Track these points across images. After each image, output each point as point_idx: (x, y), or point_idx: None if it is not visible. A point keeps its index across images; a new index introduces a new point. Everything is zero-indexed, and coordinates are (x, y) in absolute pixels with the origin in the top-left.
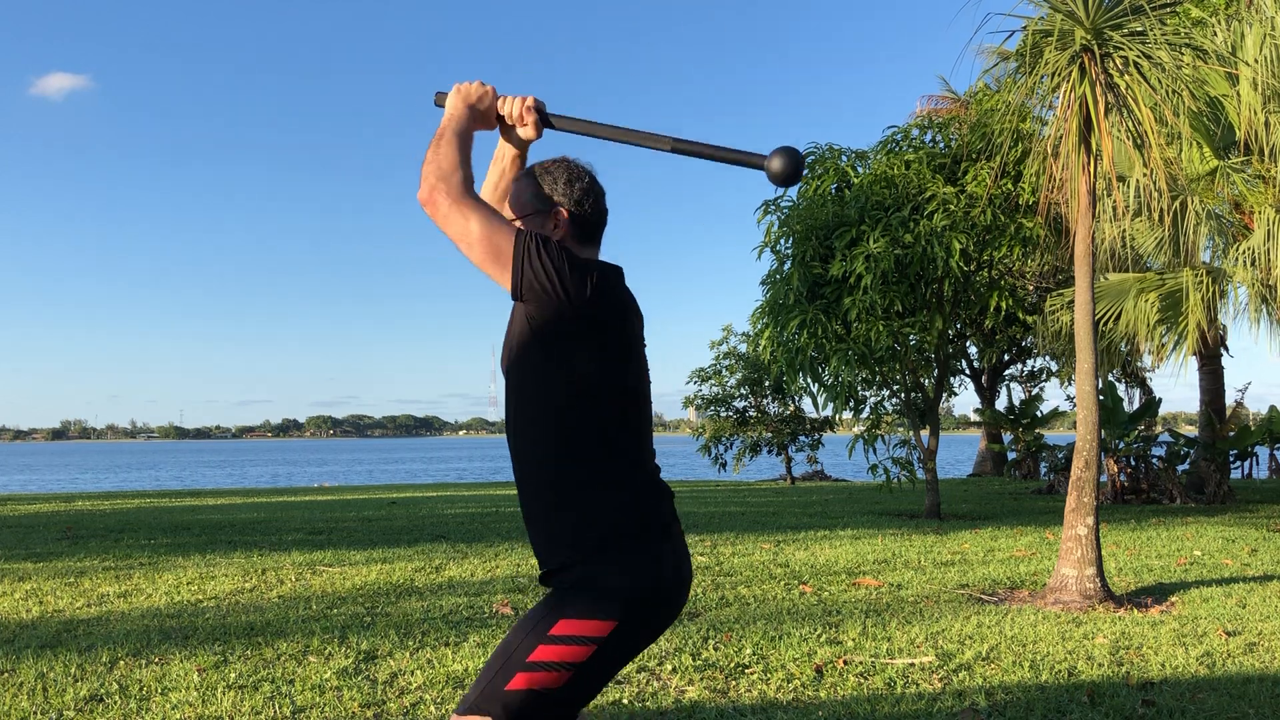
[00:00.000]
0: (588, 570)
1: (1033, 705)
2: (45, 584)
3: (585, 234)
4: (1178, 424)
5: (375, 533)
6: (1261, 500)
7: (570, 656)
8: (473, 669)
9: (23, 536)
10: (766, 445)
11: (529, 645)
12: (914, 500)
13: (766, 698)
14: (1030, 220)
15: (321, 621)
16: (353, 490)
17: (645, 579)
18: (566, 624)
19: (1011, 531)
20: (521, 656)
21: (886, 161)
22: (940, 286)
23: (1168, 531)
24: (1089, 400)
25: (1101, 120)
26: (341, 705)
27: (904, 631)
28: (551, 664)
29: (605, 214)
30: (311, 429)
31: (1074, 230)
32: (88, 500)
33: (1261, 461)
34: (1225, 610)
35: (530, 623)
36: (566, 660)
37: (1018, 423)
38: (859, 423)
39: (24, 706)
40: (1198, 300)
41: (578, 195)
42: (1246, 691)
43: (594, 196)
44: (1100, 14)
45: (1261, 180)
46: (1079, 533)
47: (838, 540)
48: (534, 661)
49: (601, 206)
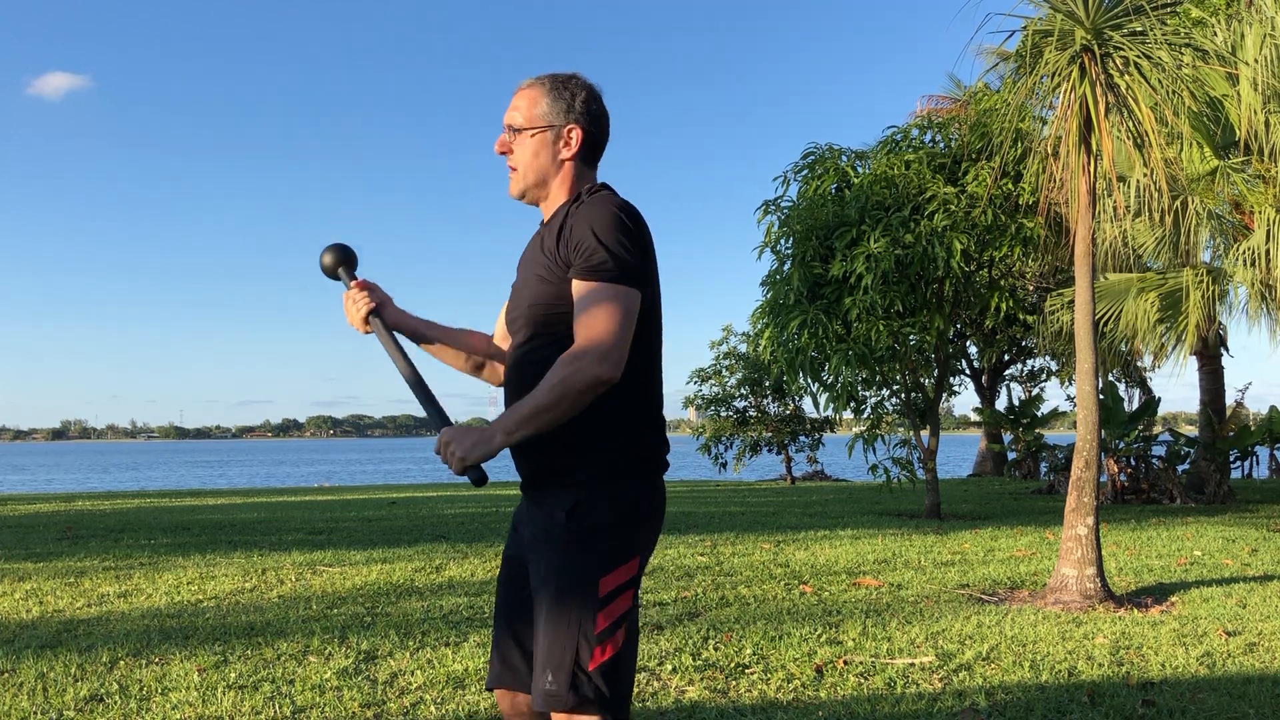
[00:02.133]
0: (601, 490)
1: (1033, 705)
2: (45, 584)
3: (593, 156)
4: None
5: (375, 533)
6: (1261, 500)
7: (623, 609)
8: (473, 669)
9: (23, 536)
10: (766, 445)
11: (589, 618)
12: (914, 500)
13: (766, 698)
14: (1030, 220)
15: (321, 621)
16: (353, 490)
17: (659, 503)
18: (607, 581)
19: (1011, 531)
20: (589, 631)
21: (887, 161)
22: (940, 286)
23: (1168, 531)
24: (1089, 400)
25: (1102, 120)
26: (341, 705)
27: (904, 631)
28: (613, 625)
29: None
30: (311, 429)
31: (1074, 230)
32: (88, 500)
33: (1261, 461)
34: (1225, 610)
35: (568, 596)
36: (621, 614)
37: (1018, 423)
38: (859, 423)
39: (24, 706)
40: (1198, 300)
41: (594, 113)
42: (1246, 691)
43: (605, 117)
44: (1100, 14)
45: (1261, 180)
46: (1079, 533)
47: (838, 540)
48: (601, 632)
49: (608, 128)
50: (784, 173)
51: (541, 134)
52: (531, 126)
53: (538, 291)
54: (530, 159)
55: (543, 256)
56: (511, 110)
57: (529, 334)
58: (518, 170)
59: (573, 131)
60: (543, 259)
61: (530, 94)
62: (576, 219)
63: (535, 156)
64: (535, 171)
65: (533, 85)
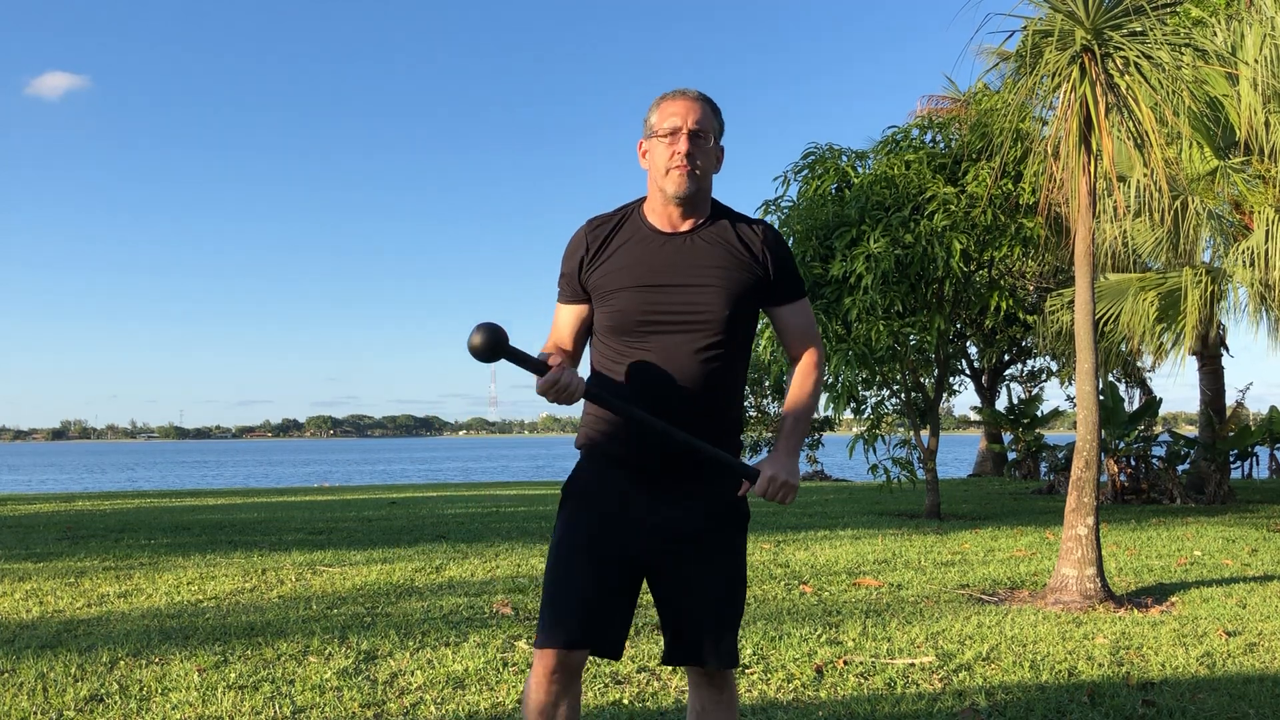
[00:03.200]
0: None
1: (1033, 705)
2: (45, 584)
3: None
4: (1178, 424)
5: (375, 533)
6: (1261, 500)
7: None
8: (473, 669)
9: (23, 536)
10: (766, 445)
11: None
12: (914, 500)
13: (766, 698)
14: (1030, 220)
15: (321, 621)
16: (353, 490)
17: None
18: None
19: (1011, 531)
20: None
21: (887, 161)
22: (940, 286)
23: (1168, 531)
24: (1089, 400)
25: (1102, 120)
26: (341, 705)
27: (904, 631)
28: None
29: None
30: (311, 429)
31: (1074, 230)
32: (88, 500)
33: (1261, 461)
34: (1225, 610)
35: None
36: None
37: (1018, 423)
38: (859, 423)
39: (24, 706)
40: (1197, 300)
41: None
42: (1246, 691)
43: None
44: (1100, 14)
45: (1261, 180)
46: (1079, 533)
47: (838, 540)
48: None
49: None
50: (784, 172)
51: (720, 149)
52: (718, 139)
53: (727, 297)
54: (712, 165)
55: (729, 264)
56: (702, 116)
57: (714, 339)
58: (702, 173)
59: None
60: (729, 267)
61: (708, 108)
62: (774, 243)
63: (716, 164)
64: (709, 178)
65: (706, 100)
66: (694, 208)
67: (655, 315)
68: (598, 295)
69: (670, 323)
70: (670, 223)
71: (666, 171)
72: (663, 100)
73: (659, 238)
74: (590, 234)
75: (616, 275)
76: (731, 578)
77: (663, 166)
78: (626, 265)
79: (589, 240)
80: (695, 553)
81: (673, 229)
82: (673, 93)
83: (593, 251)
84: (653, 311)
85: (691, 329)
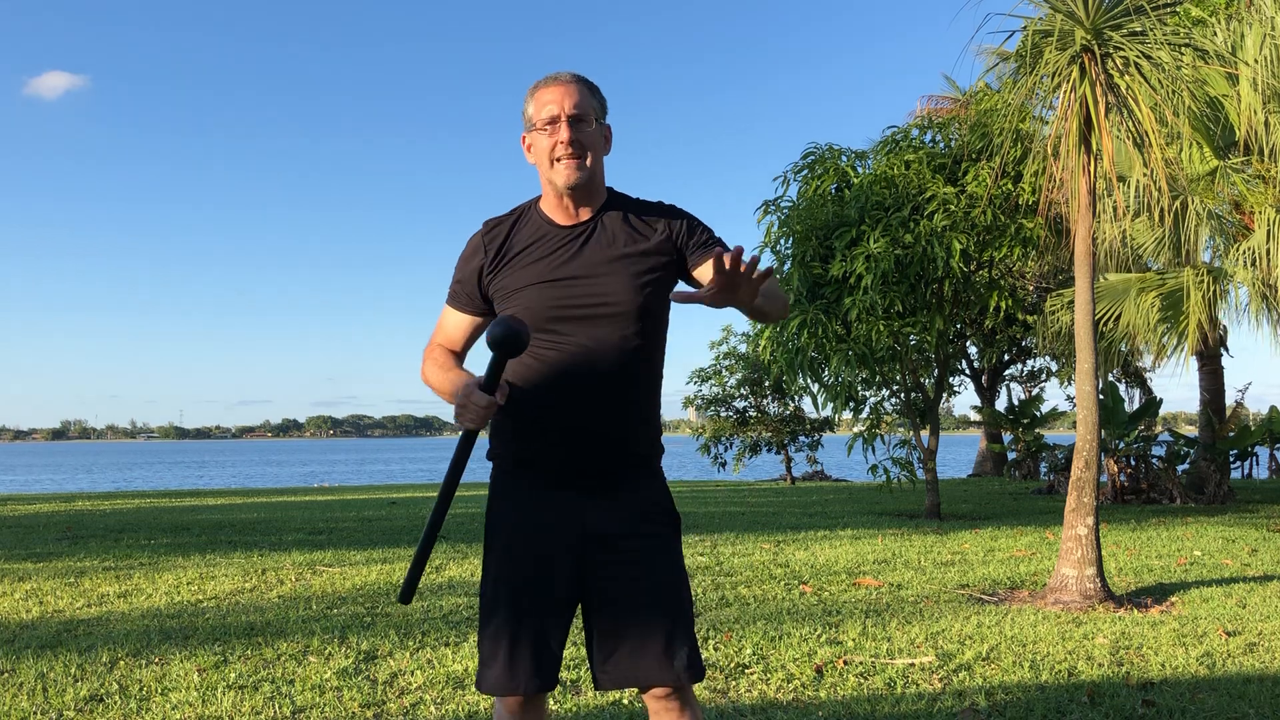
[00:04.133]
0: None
1: (1033, 705)
2: (45, 584)
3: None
4: (1178, 424)
5: (375, 533)
6: (1261, 500)
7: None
8: (473, 669)
9: (23, 536)
10: (766, 445)
11: (689, 598)
12: (914, 500)
13: (766, 698)
14: (1030, 220)
15: (321, 621)
16: (353, 490)
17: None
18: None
19: (1011, 531)
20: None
21: (886, 161)
22: (940, 286)
23: (1168, 531)
24: (1089, 400)
25: (1102, 120)
26: (341, 705)
27: (904, 631)
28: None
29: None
30: (311, 429)
31: (1074, 230)
32: (88, 500)
33: (1261, 461)
34: (1225, 610)
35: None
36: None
37: (1018, 423)
38: (859, 423)
39: (24, 706)
40: (1198, 300)
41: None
42: (1246, 691)
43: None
44: (1100, 14)
45: (1261, 180)
46: (1079, 533)
47: (838, 540)
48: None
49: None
50: (784, 173)
51: (606, 128)
52: (601, 119)
53: (636, 285)
54: (601, 147)
55: (633, 250)
56: (580, 99)
57: (627, 330)
58: (591, 158)
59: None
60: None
61: (585, 88)
62: (673, 212)
63: (605, 145)
64: (599, 163)
65: (581, 81)
66: (589, 196)
67: (564, 310)
68: (501, 295)
69: (580, 317)
70: (567, 215)
71: (553, 163)
72: (536, 89)
73: (559, 231)
74: (487, 237)
75: (520, 274)
76: (673, 589)
77: (548, 158)
78: (529, 263)
79: (486, 244)
80: (631, 556)
81: (571, 220)
82: (545, 79)
83: (491, 255)
84: (561, 306)
85: (602, 321)
